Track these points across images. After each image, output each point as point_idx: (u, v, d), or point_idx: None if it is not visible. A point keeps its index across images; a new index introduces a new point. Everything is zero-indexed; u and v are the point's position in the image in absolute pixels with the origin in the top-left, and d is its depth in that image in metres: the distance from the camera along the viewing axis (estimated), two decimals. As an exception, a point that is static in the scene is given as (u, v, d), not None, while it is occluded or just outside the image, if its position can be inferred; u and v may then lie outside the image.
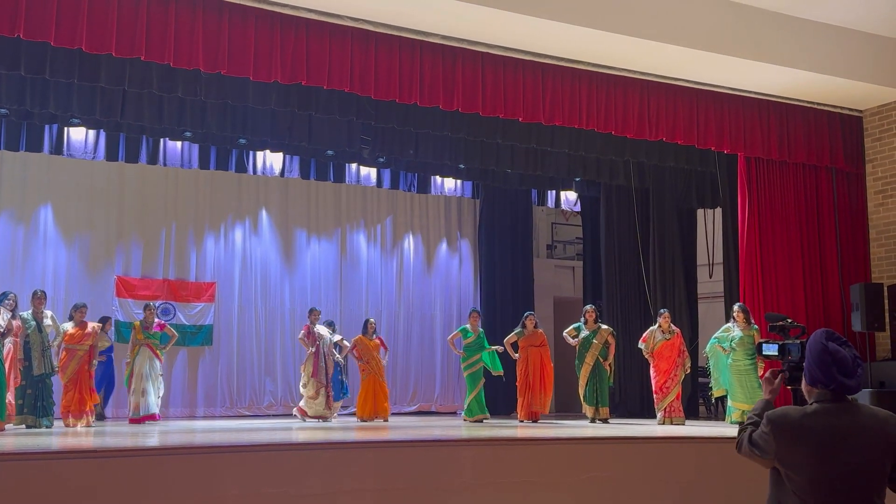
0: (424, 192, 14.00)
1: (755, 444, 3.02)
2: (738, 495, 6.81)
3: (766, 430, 2.97)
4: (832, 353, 2.98)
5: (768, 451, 2.97)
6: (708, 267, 13.79)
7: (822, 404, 2.96)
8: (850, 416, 2.92)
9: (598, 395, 10.65)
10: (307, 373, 10.93)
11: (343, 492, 6.11)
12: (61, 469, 5.56)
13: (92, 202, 12.01)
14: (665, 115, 9.90)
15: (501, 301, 14.14)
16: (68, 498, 5.32)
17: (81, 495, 5.37)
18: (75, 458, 5.85)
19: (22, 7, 7.14)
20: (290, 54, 8.21)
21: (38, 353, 9.03)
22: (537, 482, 6.67)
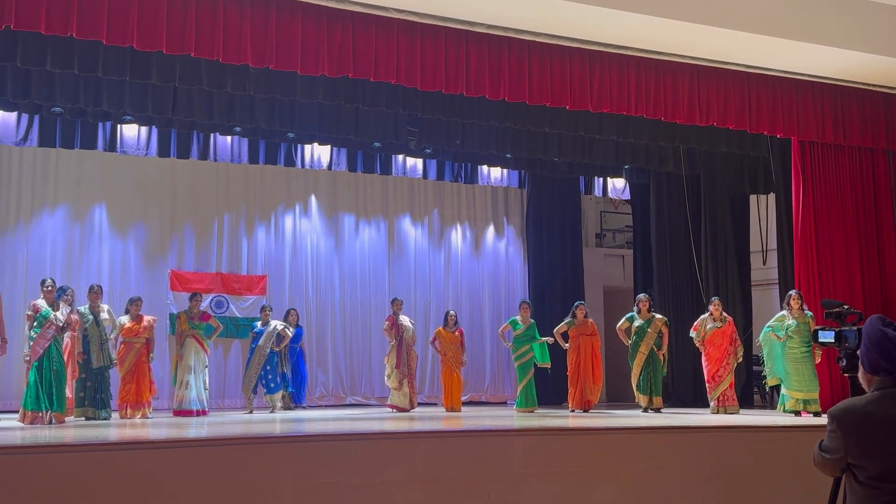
0: (471, 183, 13.98)
1: (825, 448, 2.95)
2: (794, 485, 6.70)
3: (831, 427, 2.91)
4: (892, 339, 2.91)
5: (838, 449, 2.88)
6: (762, 253, 13.55)
7: (886, 391, 2.89)
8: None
9: (651, 384, 10.56)
10: (390, 364, 11.03)
11: (394, 481, 6.15)
12: (120, 460, 5.69)
13: (145, 198, 12.23)
14: (716, 100, 9.73)
15: (550, 291, 14.07)
16: (127, 488, 5.44)
17: (140, 485, 5.48)
18: (134, 449, 5.99)
19: (74, 7, 7.29)
20: (337, 48, 8.25)
21: (96, 347, 9.25)
22: (589, 472, 6.65)
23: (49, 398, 8.16)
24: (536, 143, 11.53)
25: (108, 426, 8.39)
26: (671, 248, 13.00)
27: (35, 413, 8.10)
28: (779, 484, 6.97)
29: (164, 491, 5.52)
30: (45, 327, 8.28)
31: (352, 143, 11.88)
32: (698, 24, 8.74)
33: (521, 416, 10.06)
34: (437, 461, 6.34)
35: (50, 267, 11.16)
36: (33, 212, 11.62)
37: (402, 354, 11.05)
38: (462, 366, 11.45)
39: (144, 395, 9.61)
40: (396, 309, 11.28)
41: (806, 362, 9.49)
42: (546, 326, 11.54)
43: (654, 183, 13.31)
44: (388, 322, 11.31)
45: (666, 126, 10.50)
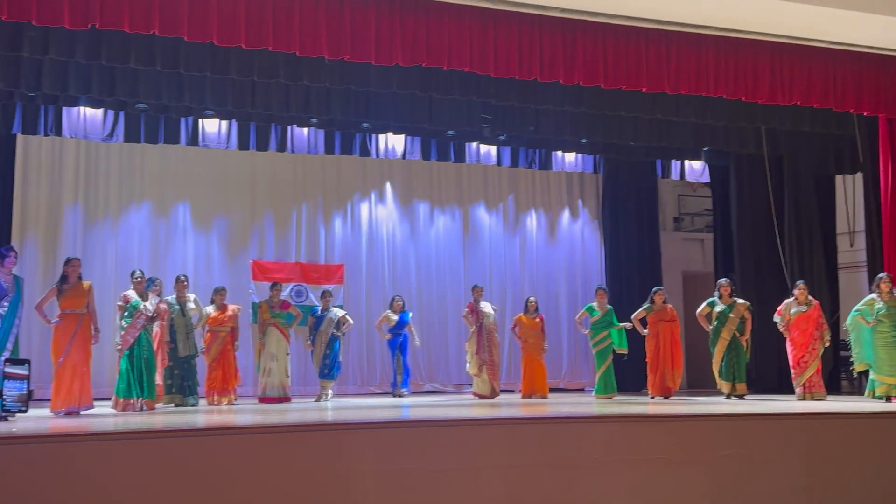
0: (545, 169, 13.88)
1: None
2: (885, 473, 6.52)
3: None
4: None
5: None
6: (848, 235, 13.13)
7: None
8: None
9: (734, 370, 10.36)
10: (471, 350, 11.10)
11: (475, 467, 6.18)
12: (208, 445, 5.85)
13: (226, 190, 12.53)
14: (799, 78, 9.46)
15: (627, 277, 13.91)
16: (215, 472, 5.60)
17: (227, 470, 5.63)
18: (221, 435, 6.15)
19: (156, 6, 7.51)
20: (410, 37, 8.30)
21: (182, 336, 9.53)
22: (671, 459, 6.57)
23: (140, 385, 8.44)
24: (612, 127, 11.38)
25: (196, 412, 8.64)
26: (753, 231, 12.69)
27: (127, 400, 8.40)
28: (869, 472, 6.79)
29: (251, 475, 5.65)
30: (136, 317, 8.56)
31: (426, 132, 11.93)
32: (779, 1, 8.50)
33: (601, 403, 9.99)
34: (518, 448, 6.34)
35: (137, 259, 11.53)
36: (121, 206, 12.02)
37: (483, 341, 11.08)
38: (544, 352, 11.42)
39: (230, 383, 9.87)
40: (477, 296, 11.32)
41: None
42: (623, 312, 11.42)
43: (734, 165, 13.00)
44: (467, 308, 11.36)
45: (746, 106, 10.25)
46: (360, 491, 5.88)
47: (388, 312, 11.50)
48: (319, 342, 10.76)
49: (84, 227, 11.76)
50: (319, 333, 10.78)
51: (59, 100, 9.84)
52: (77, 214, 11.74)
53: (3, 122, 10.30)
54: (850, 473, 6.81)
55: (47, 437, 5.84)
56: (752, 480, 6.70)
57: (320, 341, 10.75)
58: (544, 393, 11.20)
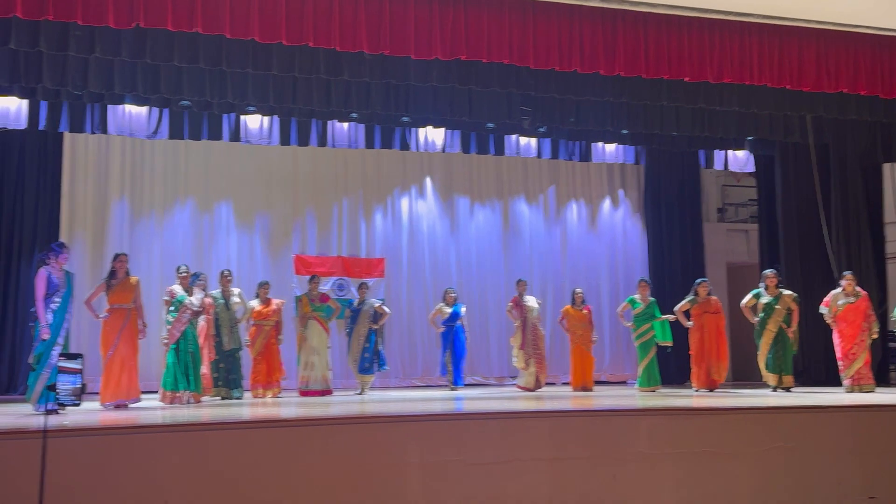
0: (586, 160, 13.78)
1: None
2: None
3: None
4: None
5: None
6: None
7: None
8: None
9: (781, 362, 10.21)
10: (516, 344, 11.10)
11: (519, 460, 6.18)
12: (253, 438, 5.92)
13: (269, 185, 12.66)
14: (845, 65, 9.30)
15: (670, 268, 13.80)
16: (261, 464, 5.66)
17: (273, 461, 5.69)
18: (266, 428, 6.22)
19: (198, 4, 7.61)
20: (449, 30, 8.30)
21: (227, 330, 9.65)
22: (717, 453, 6.51)
23: (186, 379, 8.57)
24: (653, 118, 11.26)
25: (241, 405, 8.74)
26: (798, 221, 12.50)
27: (174, 393, 8.52)
28: (921, 466, 6.66)
29: (295, 467, 5.72)
30: (181, 311, 8.69)
31: (465, 125, 11.92)
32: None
33: (644, 396, 9.92)
34: (562, 441, 6.33)
35: (182, 254, 11.67)
36: (165, 202, 12.20)
37: (527, 335, 11.05)
38: (592, 344, 11.37)
39: (275, 376, 9.99)
40: (521, 289, 11.28)
41: None
42: (667, 304, 11.32)
43: (779, 154, 12.80)
44: (511, 303, 11.32)
45: (791, 94, 10.09)
46: (403, 483, 5.92)
47: (441, 305, 11.43)
48: (356, 336, 10.77)
49: (130, 223, 11.96)
50: (356, 327, 10.80)
51: (104, 98, 10.00)
52: (123, 211, 11.94)
53: (50, 121, 10.49)
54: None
55: (97, 430, 5.97)
56: (799, 474, 6.62)
57: (357, 335, 10.77)
58: (590, 386, 11.16)
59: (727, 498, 6.44)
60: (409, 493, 5.92)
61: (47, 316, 7.44)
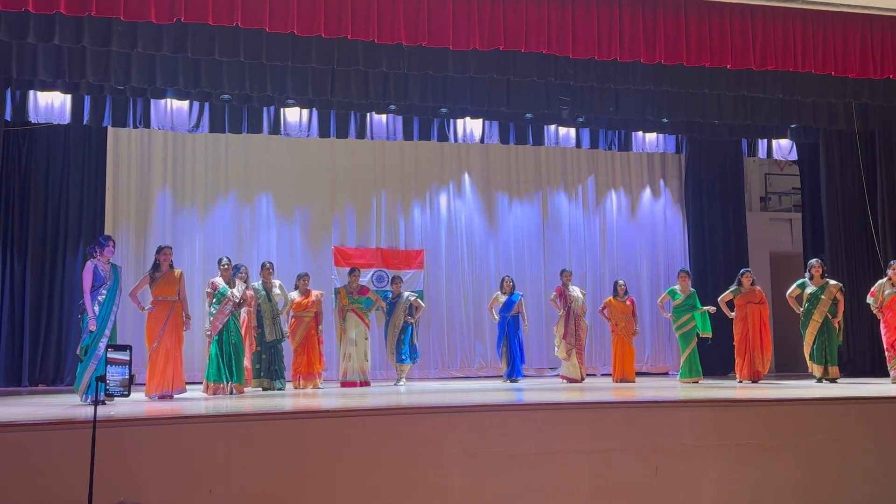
0: (626, 150, 13.67)
1: None
2: None
3: None
4: None
5: None
6: (946, 213, 12.57)
7: None
8: None
9: (826, 353, 10.05)
10: (559, 334, 11.07)
11: (559, 451, 6.17)
12: (296, 428, 5.98)
13: (308, 177, 12.72)
14: (892, 51, 9.12)
15: (712, 258, 13.64)
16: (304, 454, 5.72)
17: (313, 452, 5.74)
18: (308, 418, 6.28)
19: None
20: (488, 20, 8.28)
21: (269, 321, 9.73)
22: (762, 445, 6.44)
23: (229, 370, 8.67)
24: (695, 106, 11.13)
25: (283, 396, 8.82)
26: (844, 209, 12.28)
27: (217, 384, 8.63)
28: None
29: (337, 457, 5.76)
30: (224, 303, 8.78)
31: (503, 116, 11.88)
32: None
33: (686, 387, 9.83)
34: (604, 432, 6.30)
35: (223, 246, 11.79)
36: (207, 195, 12.32)
37: (570, 325, 11.00)
38: (635, 335, 11.30)
39: (315, 367, 10.05)
40: (566, 280, 11.24)
41: None
42: (708, 295, 11.20)
43: (823, 142, 12.58)
44: (555, 292, 11.29)
45: (836, 81, 9.92)
46: (444, 474, 5.94)
47: (497, 294, 11.33)
48: (393, 328, 10.83)
49: (173, 216, 12.10)
50: (393, 319, 10.84)
51: (146, 92, 10.12)
52: (166, 204, 12.09)
53: (94, 115, 10.66)
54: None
55: (143, 420, 6.07)
56: (844, 466, 6.52)
57: (393, 327, 10.83)
58: (632, 377, 11.08)
59: (771, 490, 6.37)
60: (450, 485, 5.94)
61: (94, 308, 7.58)
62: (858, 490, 6.49)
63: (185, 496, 5.33)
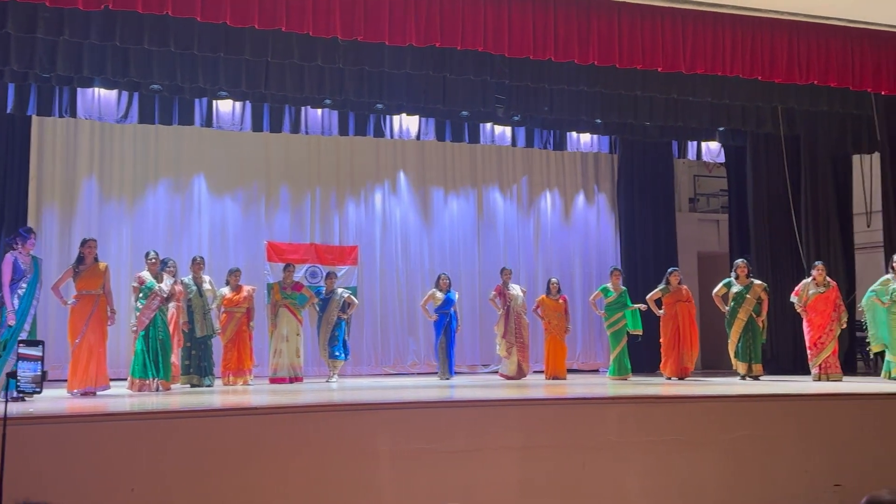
0: (560, 149, 13.82)
1: None
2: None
3: None
4: None
5: None
6: (865, 216, 13.02)
7: None
8: None
9: (751, 351, 10.32)
10: (499, 332, 11.07)
11: (489, 448, 6.20)
12: (224, 425, 5.89)
13: (241, 171, 12.54)
14: (816, 57, 9.35)
15: (642, 257, 13.87)
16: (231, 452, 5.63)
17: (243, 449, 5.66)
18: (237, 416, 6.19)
19: (169, -15, 7.48)
20: (424, 16, 8.25)
21: (199, 316, 9.58)
22: (687, 441, 6.56)
23: (156, 366, 8.48)
24: (627, 108, 11.30)
25: (211, 393, 8.69)
26: (769, 211, 12.62)
27: (143, 381, 8.44)
28: (885, 453, 6.75)
29: (266, 455, 5.69)
30: (151, 298, 8.60)
31: (440, 113, 11.89)
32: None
33: (615, 384, 9.99)
34: (534, 429, 6.35)
35: (152, 240, 11.52)
36: (135, 187, 12.05)
37: (511, 323, 11.03)
38: (566, 333, 11.39)
39: (245, 363, 9.93)
40: (506, 278, 11.26)
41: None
42: (639, 293, 11.39)
43: (750, 145, 12.91)
44: (494, 291, 11.29)
45: (763, 86, 10.15)
46: (373, 471, 5.91)
47: (434, 291, 11.19)
48: (326, 324, 10.74)
49: (99, 209, 11.81)
50: (326, 315, 10.75)
51: (73, 81, 9.84)
52: (92, 195, 11.79)
53: (18, 104, 10.32)
54: (866, 455, 6.78)
55: (64, 418, 5.90)
56: (766, 462, 6.68)
57: (326, 323, 10.73)
58: (564, 375, 11.19)
59: (695, 485, 6.50)
60: (379, 481, 5.91)
61: (13, 302, 7.35)
62: (780, 485, 6.66)
63: (105, 495, 5.19)
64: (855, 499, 2.54)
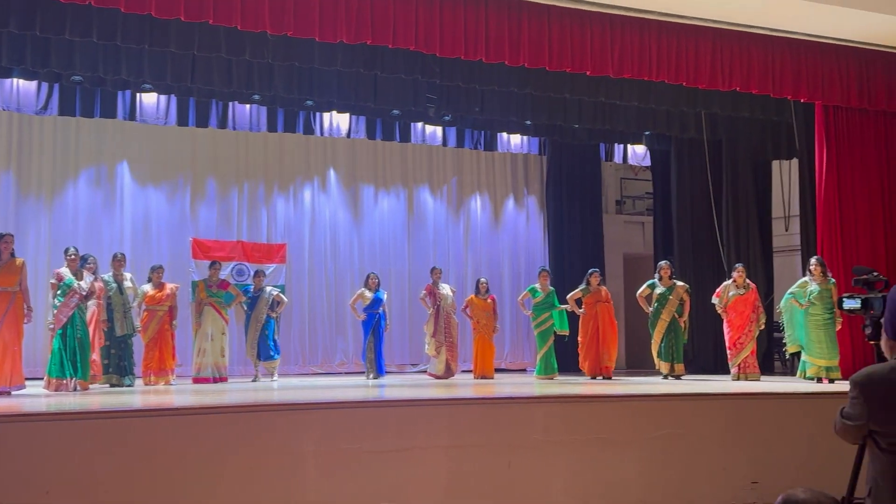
0: (491, 150, 13.92)
1: (847, 415, 2.94)
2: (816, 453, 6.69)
3: (854, 394, 2.90)
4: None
5: (861, 416, 2.88)
6: (784, 220, 13.44)
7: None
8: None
9: (673, 351, 10.54)
10: (429, 331, 11.02)
11: (416, 448, 6.18)
12: (144, 426, 5.74)
13: (166, 166, 12.27)
14: (739, 64, 9.60)
15: (570, 258, 14.04)
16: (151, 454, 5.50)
17: (164, 451, 5.54)
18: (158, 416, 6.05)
19: (93, -25, 7.27)
20: (355, 14, 8.19)
21: (119, 315, 9.34)
22: (610, 439, 6.65)
23: (73, 365, 8.23)
24: (556, 110, 11.44)
25: (132, 393, 8.49)
26: (692, 214, 12.91)
27: (59, 380, 8.17)
28: (800, 451, 6.96)
29: (188, 457, 5.57)
30: (69, 296, 8.34)
31: (370, 111, 11.84)
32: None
33: (542, 384, 10.08)
34: (459, 428, 6.36)
35: (71, 236, 11.19)
36: (55, 181, 11.68)
37: (440, 322, 11.01)
38: (495, 333, 11.43)
39: (167, 363, 9.71)
40: (435, 277, 11.22)
41: (828, 329, 9.42)
42: (566, 294, 11.52)
43: (675, 149, 13.19)
44: (424, 290, 11.25)
45: (688, 91, 10.39)
46: (299, 471, 5.84)
47: (362, 290, 11.00)
48: (255, 322, 10.58)
49: (16, 202, 11.41)
50: (255, 313, 10.60)
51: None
52: (9, 189, 11.38)
53: (-70, 93, 9.94)
54: (782, 453, 6.97)
55: (-25, 419, 5.68)
56: (687, 460, 6.82)
57: (256, 321, 10.57)
58: (492, 374, 11.24)
59: (618, 483, 6.59)
60: (304, 483, 5.85)
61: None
62: (700, 482, 6.80)
63: (19, 498, 5.02)
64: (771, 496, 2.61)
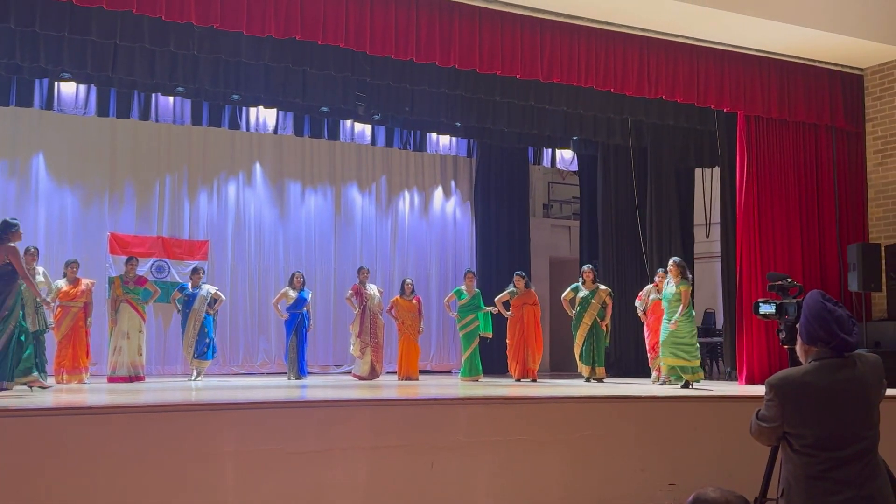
0: (420, 150, 13.89)
1: (762, 417, 3.03)
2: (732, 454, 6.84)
3: (769, 396, 2.98)
4: (831, 312, 3.03)
5: (776, 418, 2.96)
6: (705, 227, 13.74)
7: (823, 361, 2.98)
8: (849, 370, 2.97)
9: (594, 354, 10.68)
10: (354, 332, 10.89)
11: (338, 449, 6.11)
12: (57, 426, 5.54)
13: (84, 158, 11.90)
14: (665, 73, 9.77)
15: (497, 260, 14.11)
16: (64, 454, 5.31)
17: (77, 451, 5.35)
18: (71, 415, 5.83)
19: (10, -43, 7.00)
20: (284, 8, 8.07)
21: (31, 310, 8.98)
22: (533, 440, 6.68)
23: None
24: (486, 112, 11.47)
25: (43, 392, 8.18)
26: (617, 219, 13.10)
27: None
28: (717, 452, 7.10)
29: (100, 458, 5.40)
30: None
31: (299, 108, 11.70)
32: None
33: (466, 385, 10.09)
34: (382, 429, 6.31)
35: (-17, 228, 10.77)
36: (-35, 170, 11.23)
37: (366, 323, 10.91)
38: (420, 334, 11.39)
39: (81, 361, 9.43)
40: (363, 278, 11.12)
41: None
42: (493, 296, 11.57)
43: (601, 155, 13.37)
44: (351, 290, 11.14)
45: (615, 98, 10.51)
46: (218, 472, 5.71)
47: (286, 289, 10.90)
48: (192, 321, 10.35)
49: (-77, 192, 10.93)
50: (192, 312, 10.37)
51: None
52: (-85, 178, 10.90)
53: None
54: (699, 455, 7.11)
55: None
56: (607, 461, 6.90)
57: (193, 319, 10.35)
58: (416, 375, 11.20)
59: (539, 484, 6.63)
60: (222, 484, 5.71)
61: None
62: (619, 484, 6.88)
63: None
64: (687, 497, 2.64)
